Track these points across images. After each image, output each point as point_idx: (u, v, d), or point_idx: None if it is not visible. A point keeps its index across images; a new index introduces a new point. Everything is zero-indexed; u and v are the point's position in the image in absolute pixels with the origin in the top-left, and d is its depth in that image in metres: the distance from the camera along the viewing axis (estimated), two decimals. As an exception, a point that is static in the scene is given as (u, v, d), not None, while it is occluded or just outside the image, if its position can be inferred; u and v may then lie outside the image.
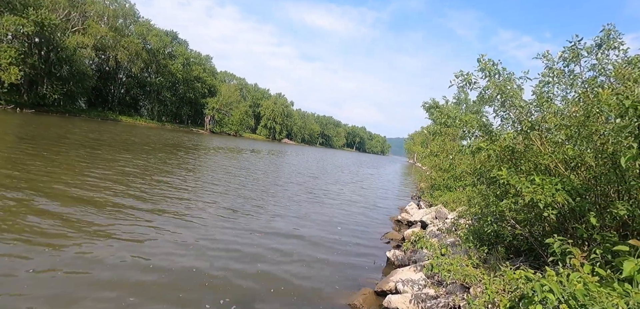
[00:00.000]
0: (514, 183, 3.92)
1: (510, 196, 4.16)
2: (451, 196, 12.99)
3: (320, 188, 17.26)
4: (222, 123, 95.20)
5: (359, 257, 7.56)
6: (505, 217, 5.39)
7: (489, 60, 4.67)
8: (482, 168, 5.59)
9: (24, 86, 47.56)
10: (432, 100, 29.46)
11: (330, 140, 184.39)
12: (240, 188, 13.48)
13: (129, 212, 7.80)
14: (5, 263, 4.71)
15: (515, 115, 4.74)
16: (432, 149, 15.34)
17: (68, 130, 26.59)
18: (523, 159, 4.85)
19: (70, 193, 8.51)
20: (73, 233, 6.07)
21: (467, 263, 4.74)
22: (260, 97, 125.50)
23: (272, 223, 9.08)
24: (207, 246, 6.58)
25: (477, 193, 6.94)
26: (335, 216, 11.17)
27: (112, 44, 61.67)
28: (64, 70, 53.14)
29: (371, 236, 9.62)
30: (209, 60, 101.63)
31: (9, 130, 21.01)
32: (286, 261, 6.55)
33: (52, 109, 49.21)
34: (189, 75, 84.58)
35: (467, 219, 7.52)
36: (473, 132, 5.07)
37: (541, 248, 4.75)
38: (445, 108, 6.12)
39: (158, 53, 74.83)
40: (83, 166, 12.40)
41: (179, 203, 9.48)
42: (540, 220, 4.92)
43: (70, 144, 18.58)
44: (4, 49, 41.85)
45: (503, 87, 4.52)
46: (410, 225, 11.58)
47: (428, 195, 16.00)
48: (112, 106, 69.82)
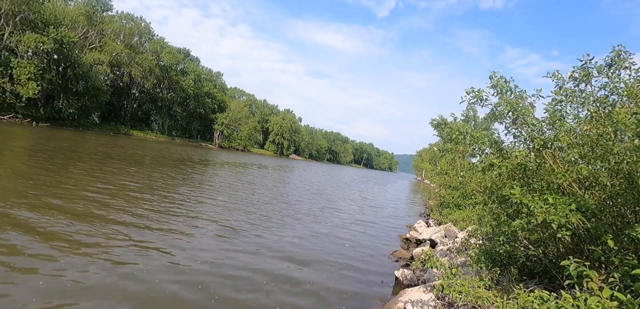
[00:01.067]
0: (526, 202, 3.83)
1: (523, 215, 4.06)
2: (461, 214, 12.77)
3: (327, 205, 17.15)
4: (231, 139, 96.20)
5: (366, 276, 7.43)
6: (518, 237, 5.25)
7: (501, 77, 4.65)
8: (493, 186, 5.49)
9: (41, 100, 49.03)
10: (440, 117, 29.18)
11: (338, 156, 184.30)
12: (245, 204, 13.48)
13: (123, 230, 7.82)
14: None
15: (527, 132, 4.68)
16: (441, 166, 15.19)
17: (80, 144, 27.17)
18: (535, 177, 4.76)
19: (68, 207, 8.62)
20: (65, 248, 6.11)
21: (479, 285, 4.60)
22: (269, 113, 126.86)
23: (278, 239, 9.01)
24: (210, 262, 6.54)
25: (488, 211, 6.80)
26: (342, 234, 11.05)
27: (126, 60, 63.50)
28: (79, 85, 54.74)
29: (379, 254, 9.46)
30: (219, 76, 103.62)
31: (25, 144, 21.57)
32: (292, 278, 6.45)
33: (66, 123, 50.50)
34: (199, 91, 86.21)
35: (478, 238, 7.35)
36: (484, 149, 5.00)
37: (556, 270, 4.60)
38: (455, 125, 6.07)
39: (170, 70, 76.67)
40: (89, 179, 12.60)
41: (182, 219, 9.50)
42: (554, 241, 4.78)
43: (80, 158, 18.95)
44: (24, 65, 43.38)
45: (515, 104, 4.48)
46: (419, 244, 11.38)
47: (437, 213, 15.76)
48: (124, 120, 71.31)
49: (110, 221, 7.71)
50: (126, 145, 34.66)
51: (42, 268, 5.04)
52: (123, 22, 67.94)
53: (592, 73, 4.14)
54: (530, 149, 4.80)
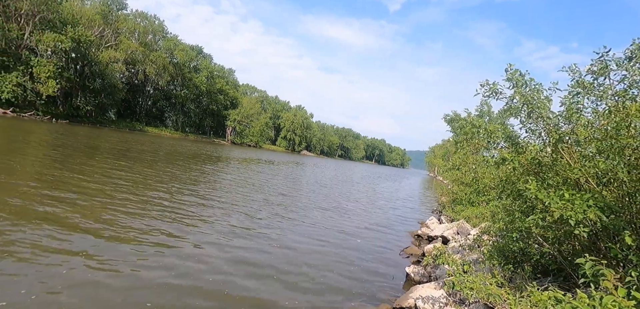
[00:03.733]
0: (542, 197, 3.75)
1: (538, 211, 3.98)
2: (474, 211, 12.58)
3: (338, 201, 17.16)
4: (243, 135, 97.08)
5: (377, 272, 7.42)
6: (532, 234, 5.15)
7: (516, 70, 4.55)
8: (507, 182, 5.39)
9: (60, 98, 50.54)
10: (454, 113, 28.80)
11: (350, 152, 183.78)
12: (256, 199, 13.61)
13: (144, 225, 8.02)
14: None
15: (543, 126, 4.57)
16: (454, 162, 14.97)
17: (98, 140, 27.92)
18: (551, 172, 4.65)
19: (86, 202, 8.89)
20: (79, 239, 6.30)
21: (491, 282, 4.54)
22: (281, 109, 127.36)
23: (288, 234, 9.08)
24: (221, 257, 6.65)
25: (502, 208, 6.69)
26: (353, 230, 11.05)
27: (141, 58, 64.72)
28: (96, 83, 56.18)
29: (390, 250, 9.43)
30: (232, 73, 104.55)
31: (49, 139, 22.31)
32: (303, 274, 6.50)
33: (84, 120, 51.93)
34: (212, 87, 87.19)
35: (491, 235, 7.24)
36: (498, 143, 4.91)
37: (571, 268, 4.50)
38: (469, 119, 5.96)
39: (184, 67, 77.78)
40: (112, 172, 12.95)
41: (197, 213, 9.67)
42: (570, 238, 4.66)
43: (99, 153, 19.48)
44: (44, 64, 44.74)
45: (530, 98, 4.37)
46: (430, 240, 11.28)
47: (449, 210, 15.57)
48: (139, 117, 72.82)
49: (141, 212, 7.94)
50: (142, 142, 35.43)
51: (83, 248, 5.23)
52: (138, 20, 69.22)
53: (611, 66, 4.00)
54: (546, 144, 4.69)
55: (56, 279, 4.64)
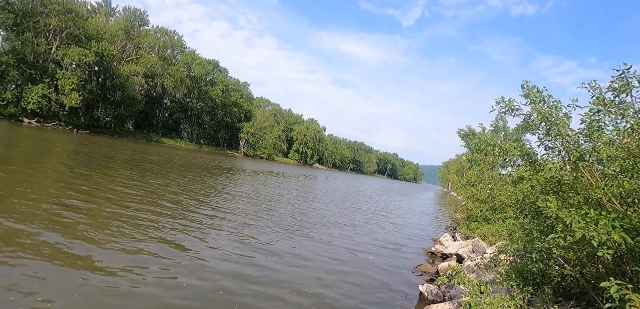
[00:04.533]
0: (563, 216, 3.63)
1: (558, 231, 3.84)
2: (490, 229, 12.26)
3: (349, 216, 17.02)
4: (256, 147, 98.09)
5: (389, 289, 7.27)
6: (552, 255, 4.97)
7: (533, 86, 4.47)
8: (525, 200, 5.25)
9: (82, 109, 52.43)
10: (468, 128, 28.42)
11: (362, 166, 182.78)
12: (268, 211, 13.64)
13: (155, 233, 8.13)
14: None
15: (562, 144, 4.45)
16: (469, 178, 14.69)
17: (116, 150, 28.72)
18: (571, 192, 4.50)
19: (105, 209, 9.09)
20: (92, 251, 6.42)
21: (510, 304, 4.39)
22: (294, 122, 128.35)
23: (299, 250, 9.02)
24: (229, 273, 6.65)
25: (519, 226, 6.49)
26: (365, 245, 10.91)
27: (160, 71, 66.76)
28: (116, 95, 58.07)
29: (403, 267, 9.25)
30: (246, 86, 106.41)
31: (70, 148, 23.10)
32: (313, 291, 6.42)
33: (104, 130, 53.61)
34: (227, 100, 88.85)
35: (508, 255, 7.02)
36: (515, 161, 4.80)
37: (595, 292, 4.30)
38: (484, 136, 5.86)
39: (200, 80, 79.72)
40: (129, 181, 13.25)
41: (206, 226, 9.75)
42: (593, 260, 4.48)
43: (120, 163, 20.00)
44: (68, 76, 46.68)
45: (548, 115, 4.27)
46: (444, 258, 11.01)
47: (464, 227, 15.22)
48: (156, 128, 74.64)
49: (156, 214, 8.08)
50: (158, 153, 36.23)
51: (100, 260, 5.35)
52: (158, 36, 71.70)
53: (632, 83, 3.89)
54: (565, 162, 4.56)
55: (52, 286, 4.73)
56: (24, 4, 45.55)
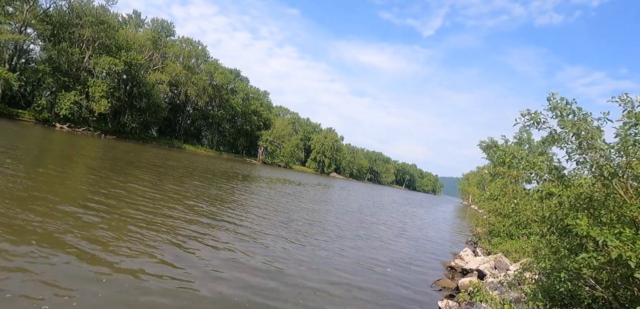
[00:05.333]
0: (595, 235, 3.44)
1: (591, 250, 3.65)
2: (513, 245, 11.78)
3: (366, 227, 16.82)
4: (274, 155, 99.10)
5: (407, 304, 7.10)
6: (582, 275, 4.71)
7: (562, 98, 4.30)
8: (553, 216, 5.02)
9: (110, 115, 54.81)
10: (490, 139, 27.62)
11: (379, 176, 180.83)
12: (284, 220, 13.67)
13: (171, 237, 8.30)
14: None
15: (593, 158, 4.24)
16: (492, 192, 14.25)
17: (141, 155, 29.76)
18: (603, 209, 4.27)
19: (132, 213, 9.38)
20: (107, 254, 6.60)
21: (535, 324, 4.18)
22: (312, 131, 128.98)
23: (313, 261, 8.88)
24: (243, 282, 6.68)
25: (546, 244, 6.20)
26: (381, 258, 10.72)
27: (184, 80, 69.03)
28: (142, 102, 60.42)
29: (421, 282, 9.02)
30: (266, 95, 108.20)
31: (96, 153, 24.14)
32: (328, 303, 6.34)
33: (129, 136, 55.75)
34: (247, 109, 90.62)
35: (534, 273, 6.70)
36: (542, 175, 4.62)
37: (630, 317, 4.03)
38: (509, 148, 5.69)
39: (222, 89, 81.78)
40: (155, 184, 13.67)
41: (229, 228, 9.87)
42: (628, 282, 4.21)
43: (142, 167, 20.70)
44: (98, 84, 49.06)
45: (580, 128, 4.09)
46: (465, 273, 10.66)
47: (486, 242, 14.70)
48: (178, 135, 76.89)
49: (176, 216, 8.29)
50: (180, 158, 37.26)
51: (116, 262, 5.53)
52: (183, 46, 74.35)
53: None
54: (596, 177, 4.34)
55: (75, 282, 4.89)
56: (61, 16, 48.48)
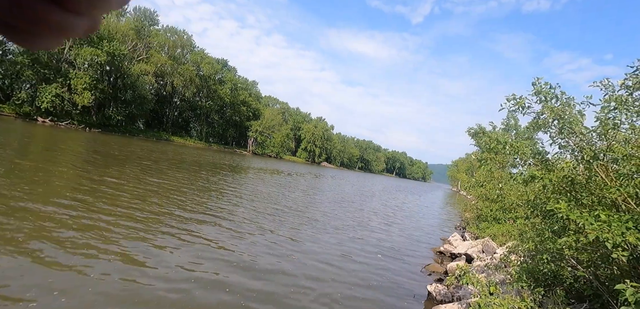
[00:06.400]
0: (575, 218, 3.54)
1: (571, 233, 3.75)
2: (500, 229, 12.08)
3: (357, 215, 16.97)
4: (264, 145, 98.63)
5: (397, 289, 7.22)
6: (565, 256, 4.86)
7: (546, 83, 4.37)
8: (537, 200, 5.14)
9: (94, 108, 53.46)
10: (478, 126, 27.84)
11: (370, 165, 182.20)
12: (276, 212, 13.68)
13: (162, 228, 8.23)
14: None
15: (575, 142, 4.33)
16: (479, 178, 14.50)
17: (127, 148, 29.19)
18: (585, 191, 4.39)
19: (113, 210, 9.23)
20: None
21: (520, 305, 4.30)
22: (302, 121, 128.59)
23: (308, 248, 9.03)
24: (237, 268, 6.69)
25: (531, 227, 6.37)
26: (372, 244, 10.86)
27: (170, 71, 67.65)
28: (127, 94, 59.09)
29: (411, 266, 9.18)
30: (255, 85, 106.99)
31: (80, 148, 23.56)
32: (320, 290, 6.42)
33: (115, 129, 54.55)
34: (236, 99, 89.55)
35: (519, 255, 6.89)
36: (526, 160, 4.70)
37: (609, 294, 4.19)
38: (494, 134, 5.76)
39: (209, 79, 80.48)
40: (142, 178, 13.45)
41: (218, 221, 9.83)
42: (607, 261, 4.36)
43: (126, 162, 20.32)
44: (81, 76, 47.66)
45: (561, 112, 4.17)
46: (453, 258, 10.89)
47: (474, 227, 15.03)
48: (165, 127, 75.65)
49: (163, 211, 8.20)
50: (168, 151, 36.70)
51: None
52: (167, 35, 72.58)
53: (648, 79, 3.77)
54: (579, 161, 4.45)
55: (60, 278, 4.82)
56: (38, 5, 46.59)
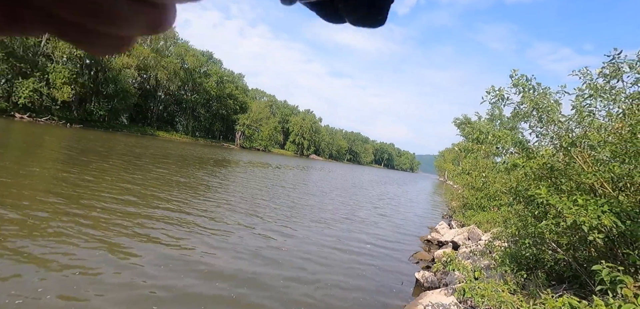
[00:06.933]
0: (554, 203, 3.67)
1: (551, 217, 3.90)
2: (485, 216, 12.39)
3: (346, 206, 17.11)
4: (252, 139, 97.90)
5: (386, 277, 7.36)
6: (546, 240, 5.04)
7: (522, 75, 4.49)
8: (519, 187, 5.30)
9: (75, 103, 51.86)
10: (464, 116, 28.45)
11: (358, 157, 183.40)
12: (266, 204, 13.66)
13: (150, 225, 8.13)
14: None
15: (554, 131, 4.48)
16: (464, 167, 14.81)
17: (109, 144, 28.49)
18: (564, 178, 4.55)
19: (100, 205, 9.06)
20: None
21: (503, 289, 4.45)
22: (289, 113, 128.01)
23: (297, 239, 9.08)
24: (224, 260, 6.69)
25: (514, 213, 6.57)
26: (361, 235, 10.99)
27: (153, 64, 66.05)
28: (109, 88, 57.49)
29: (399, 255, 9.35)
30: (241, 78, 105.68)
31: (61, 144, 22.87)
32: (309, 279, 6.48)
33: (97, 124, 53.10)
34: (222, 92, 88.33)
35: (503, 241, 7.11)
36: (507, 149, 4.84)
37: (587, 275, 4.38)
38: (477, 124, 5.90)
39: (194, 72, 79.05)
40: (123, 176, 13.18)
41: (206, 215, 9.76)
42: (585, 244, 4.55)
43: (108, 158, 19.86)
44: (59, 70, 46.06)
45: (539, 102, 4.30)
46: (440, 245, 11.15)
47: (460, 215, 15.37)
48: (150, 122, 74.12)
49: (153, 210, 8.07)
50: (153, 146, 36.01)
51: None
52: (150, 27, 70.55)
53: (623, 68, 3.92)
54: (557, 148, 4.60)
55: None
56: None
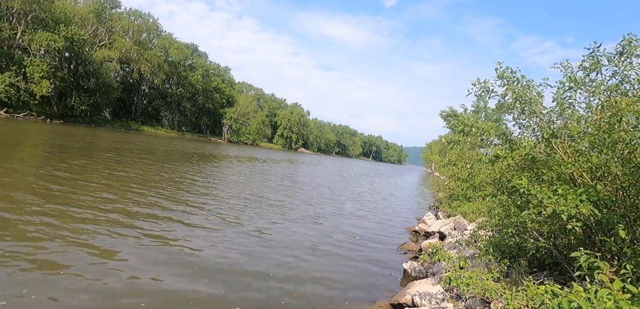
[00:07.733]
0: (535, 192, 3.78)
1: (532, 207, 4.01)
2: (470, 206, 12.66)
3: (335, 198, 17.19)
4: (240, 133, 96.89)
5: (374, 268, 7.45)
6: (528, 229, 5.19)
7: (507, 68, 4.59)
8: (502, 178, 5.43)
9: (54, 98, 50.12)
10: (450, 109, 29.01)
11: (347, 149, 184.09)
12: (255, 198, 13.60)
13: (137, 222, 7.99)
14: None
15: (536, 122, 4.60)
16: (450, 158, 15.06)
17: (91, 140, 27.71)
18: (545, 168, 4.69)
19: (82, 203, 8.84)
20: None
21: (487, 277, 4.58)
22: (277, 107, 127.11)
23: (286, 232, 9.09)
24: (214, 254, 6.64)
25: (498, 203, 6.74)
26: (350, 226, 11.08)
27: (136, 57, 64.24)
28: (91, 82, 55.74)
29: (388, 246, 9.47)
30: (227, 71, 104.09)
31: (42, 140, 22.12)
32: (299, 271, 6.49)
33: (79, 120, 51.54)
34: (208, 86, 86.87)
35: (487, 230, 7.30)
36: (491, 140, 4.95)
37: (567, 262, 4.54)
38: (463, 116, 6.00)
39: (179, 65, 77.37)
40: (98, 176, 12.87)
41: (191, 211, 9.65)
42: (565, 232, 4.71)
43: (89, 154, 19.34)
44: (37, 64, 44.28)
45: (522, 94, 4.40)
46: (428, 236, 11.35)
47: (446, 205, 15.66)
48: (135, 116, 72.39)
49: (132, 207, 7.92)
50: (136, 141, 35.23)
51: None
52: (131, 19, 68.62)
53: (602, 61, 4.04)
54: (539, 139, 4.73)
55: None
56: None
